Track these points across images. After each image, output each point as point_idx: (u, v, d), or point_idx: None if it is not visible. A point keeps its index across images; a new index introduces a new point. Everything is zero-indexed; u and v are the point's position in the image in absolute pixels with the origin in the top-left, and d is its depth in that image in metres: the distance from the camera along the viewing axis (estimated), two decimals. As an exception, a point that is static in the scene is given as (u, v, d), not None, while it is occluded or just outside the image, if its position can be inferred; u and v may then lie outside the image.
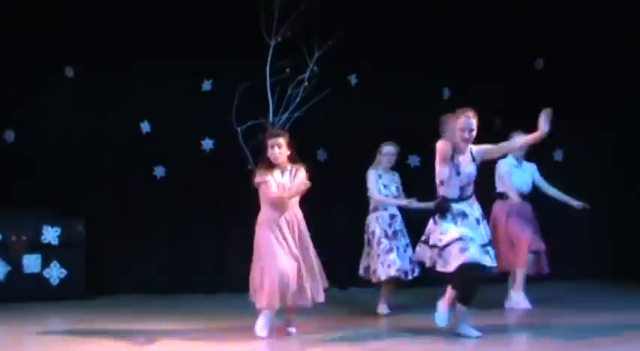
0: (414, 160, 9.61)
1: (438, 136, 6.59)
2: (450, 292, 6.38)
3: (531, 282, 8.35)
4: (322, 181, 8.66)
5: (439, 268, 6.28)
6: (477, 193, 6.51)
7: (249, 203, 6.90)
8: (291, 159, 6.74)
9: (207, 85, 9.62)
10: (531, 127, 9.37)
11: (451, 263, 6.18)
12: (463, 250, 6.15)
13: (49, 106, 9.40)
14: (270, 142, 6.69)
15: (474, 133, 6.34)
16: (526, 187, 7.98)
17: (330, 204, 9.35)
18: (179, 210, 9.52)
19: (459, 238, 6.19)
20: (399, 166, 8.07)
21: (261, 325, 6.53)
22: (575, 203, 7.87)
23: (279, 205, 6.59)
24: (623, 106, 9.39)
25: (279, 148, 6.65)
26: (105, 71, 9.39)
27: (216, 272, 7.08)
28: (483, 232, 6.37)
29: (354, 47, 9.22)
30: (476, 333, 6.32)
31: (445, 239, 6.25)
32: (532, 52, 9.88)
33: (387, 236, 7.59)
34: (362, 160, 7.92)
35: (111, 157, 9.48)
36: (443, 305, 6.42)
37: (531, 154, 9.26)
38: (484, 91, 9.29)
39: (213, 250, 7.45)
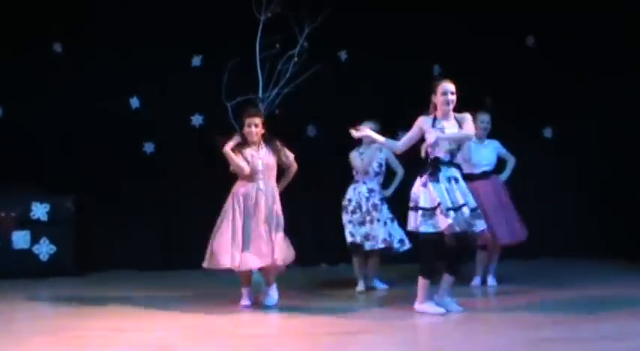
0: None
1: (427, 110, 6.59)
2: (445, 278, 6.49)
3: (518, 259, 8.42)
4: (312, 157, 8.71)
5: (423, 229, 6.34)
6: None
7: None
8: (265, 138, 7.04)
9: (196, 61, 9.58)
10: (521, 105, 9.46)
11: (440, 225, 6.29)
12: (447, 216, 6.26)
13: (37, 83, 9.35)
14: (247, 121, 7.03)
15: (454, 96, 6.46)
16: (487, 164, 7.91)
17: (320, 179, 9.35)
18: (168, 186, 9.52)
19: (443, 205, 6.28)
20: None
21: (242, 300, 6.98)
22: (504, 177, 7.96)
23: (249, 178, 6.93)
24: (613, 83, 9.38)
25: (256, 127, 7.00)
26: (94, 47, 9.34)
27: (205, 248, 7.08)
28: (466, 195, 6.42)
29: (344, 23, 9.18)
30: (441, 310, 6.40)
31: (437, 201, 6.31)
32: (523, 29, 9.85)
33: (362, 209, 7.63)
34: (351, 136, 7.90)
35: (100, 133, 9.44)
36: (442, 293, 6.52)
37: (521, 131, 9.31)
38: (474, 68, 9.27)
39: (202, 226, 7.44)
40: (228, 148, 6.97)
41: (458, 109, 6.59)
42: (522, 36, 9.92)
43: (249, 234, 6.84)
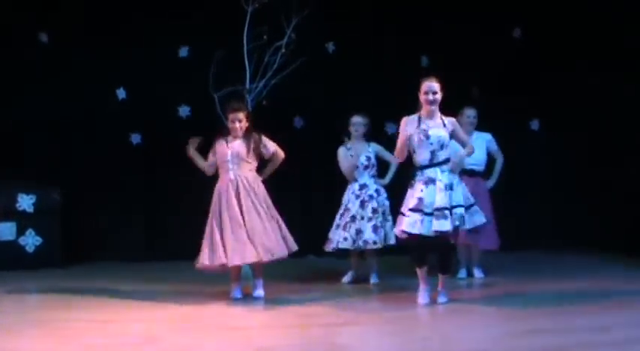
0: (391, 128, 9.59)
1: (415, 104, 6.60)
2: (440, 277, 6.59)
3: (503, 251, 8.43)
4: (298, 148, 8.70)
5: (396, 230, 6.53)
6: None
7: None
8: (248, 131, 7.04)
9: (183, 52, 9.54)
10: (508, 97, 9.48)
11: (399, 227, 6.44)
12: (413, 221, 6.33)
13: (23, 73, 9.29)
14: (230, 116, 7.02)
15: (438, 95, 6.47)
16: (475, 163, 7.81)
17: (307, 171, 9.34)
18: (155, 177, 9.49)
19: (413, 209, 6.34)
20: (377, 134, 8.08)
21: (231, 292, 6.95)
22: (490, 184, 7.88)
23: (222, 171, 6.98)
24: (601, 75, 9.40)
25: (240, 123, 6.99)
26: (80, 37, 9.29)
27: (192, 239, 7.07)
28: (451, 197, 6.39)
29: (331, 14, 9.17)
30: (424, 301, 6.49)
31: (407, 205, 6.41)
32: (510, 20, 9.86)
33: (352, 207, 7.60)
34: (338, 128, 7.91)
35: (87, 124, 9.41)
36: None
37: (508, 122, 9.32)
38: (462, 60, 9.28)
39: (189, 218, 7.45)
40: (190, 153, 7.11)
41: (446, 99, 6.60)
42: (509, 28, 9.93)
43: (228, 229, 6.77)
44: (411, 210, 6.36)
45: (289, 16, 8.22)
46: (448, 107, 6.85)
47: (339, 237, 7.61)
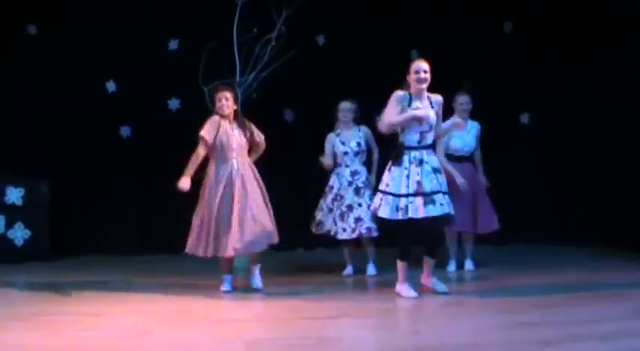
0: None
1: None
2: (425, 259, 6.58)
3: (495, 244, 8.45)
4: (288, 141, 8.70)
5: (379, 212, 6.39)
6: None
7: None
8: (237, 116, 6.99)
9: (173, 45, 9.52)
10: (499, 91, 9.49)
11: (380, 210, 6.36)
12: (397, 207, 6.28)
13: (11, 65, 9.25)
14: (217, 95, 6.97)
15: (427, 75, 6.43)
16: (468, 150, 7.82)
17: (297, 164, 9.34)
18: (145, 170, 9.47)
19: (391, 193, 6.30)
20: (368, 128, 8.07)
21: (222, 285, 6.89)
22: (459, 181, 7.56)
23: (222, 157, 6.84)
24: (590, 69, 9.42)
25: (227, 101, 6.92)
26: (69, 29, 9.25)
27: (182, 232, 7.05)
28: (438, 180, 6.37)
29: (322, 7, 9.16)
30: (413, 294, 6.44)
31: (392, 185, 6.33)
32: (501, 14, 9.86)
33: (347, 194, 7.56)
34: (329, 121, 7.90)
35: (76, 116, 9.38)
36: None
37: (498, 116, 9.33)
38: (452, 54, 9.28)
39: (178, 210, 7.43)
40: (204, 132, 6.86)
41: (436, 92, 6.60)
42: (500, 22, 9.93)
43: (227, 218, 6.71)
44: (411, 195, 6.26)
45: (279, 9, 8.21)
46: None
47: (336, 227, 7.53)
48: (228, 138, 6.87)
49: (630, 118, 8.86)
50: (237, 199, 6.75)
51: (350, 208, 7.53)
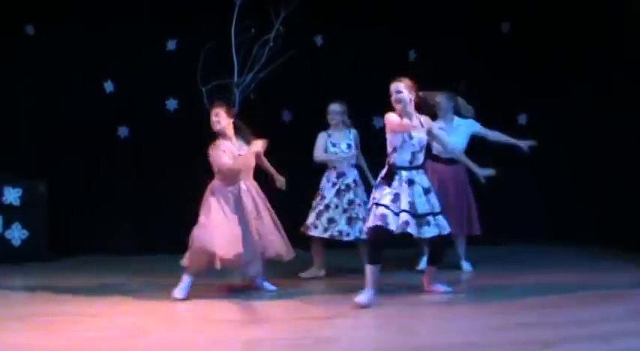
0: (378, 122, 9.59)
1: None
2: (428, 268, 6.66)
3: (492, 244, 8.45)
4: (287, 142, 8.70)
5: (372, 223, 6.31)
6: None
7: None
8: (237, 129, 7.00)
9: (171, 45, 9.51)
10: (496, 91, 9.49)
11: (369, 221, 6.31)
12: (383, 216, 6.21)
13: (9, 65, 9.24)
14: (211, 111, 6.99)
15: (401, 95, 6.40)
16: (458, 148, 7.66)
17: (294, 164, 9.32)
18: (143, 170, 9.46)
19: (386, 206, 6.24)
20: (364, 128, 8.07)
21: (179, 288, 6.69)
22: (522, 144, 7.67)
23: (230, 176, 6.79)
24: (588, 70, 9.43)
25: (216, 117, 6.90)
26: (67, 29, 9.24)
27: (180, 233, 7.05)
28: (430, 202, 6.39)
29: (320, 8, 9.15)
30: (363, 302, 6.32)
31: (379, 199, 6.30)
32: (498, 15, 9.86)
33: (328, 194, 7.56)
34: (326, 121, 7.91)
35: (74, 116, 9.37)
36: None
37: (496, 117, 9.33)
38: (450, 54, 9.28)
39: (176, 211, 7.43)
40: (220, 149, 6.84)
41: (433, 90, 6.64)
42: (498, 22, 9.93)
43: (244, 232, 6.71)
44: (383, 205, 6.25)
45: (278, 9, 8.20)
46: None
47: (310, 223, 7.56)
48: (235, 157, 6.87)
49: (629, 118, 8.87)
50: (248, 217, 6.80)
51: (327, 207, 7.53)
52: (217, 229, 6.62)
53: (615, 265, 7.92)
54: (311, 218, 7.62)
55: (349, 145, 7.67)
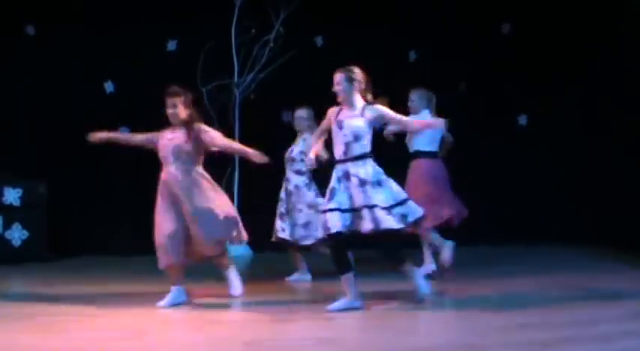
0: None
1: (403, 98, 6.60)
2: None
3: (492, 244, 8.44)
4: (286, 143, 8.69)
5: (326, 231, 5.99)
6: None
7: (211, 165, 6.87)
8: (191, 118, 6.50)
9: (172, 45, 9.51)
10: (496, 92, 9.50)
11: (320, 231, 6.07)
12: (325, 222, 5.92)
13: (10, 65, 9.25)
14: (167, 101, 6.52)
15: (339, 87, 6.32)
16: (433, 145, 7.46)
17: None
18: (143, 170, 9.45)
19: (328, 209, 5.95)
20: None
21: (165, 300, 6.44)
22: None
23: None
24: (588, 71, 9.44)
25: (174, 108, 6.48)
26: (67, 29, 9.25)
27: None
28: (367, 193, 5.91)
29: (320, 8, 9.16)
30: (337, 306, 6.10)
31: (324, 204, 6.07)
32: (499, 16, 9.87)
33: (284, 197, 7.50)
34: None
35: (74, 117, 9.37)
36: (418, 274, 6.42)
37: (496, 118, 9.35)
38: (450, 55, 9.29)
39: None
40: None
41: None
42: (498, 23, 9.94)
43: (179, 223, 6.41)
44: (325, 211, 5.97)
45: (278, 10, 8.22)
46: (436, 103, 6.87)
47: (278, 226, 7.48)
48: (163, 143, 6.58)
49: (628, 118, 8.87)
50: (180, 205, 6.44)
51: (287, 211, 7.45)
52: (162, 225, 6.48)
53: (615, 266, 7.92)
54: (278, 222, 7.53)
55: (301, 152, 7.46)
